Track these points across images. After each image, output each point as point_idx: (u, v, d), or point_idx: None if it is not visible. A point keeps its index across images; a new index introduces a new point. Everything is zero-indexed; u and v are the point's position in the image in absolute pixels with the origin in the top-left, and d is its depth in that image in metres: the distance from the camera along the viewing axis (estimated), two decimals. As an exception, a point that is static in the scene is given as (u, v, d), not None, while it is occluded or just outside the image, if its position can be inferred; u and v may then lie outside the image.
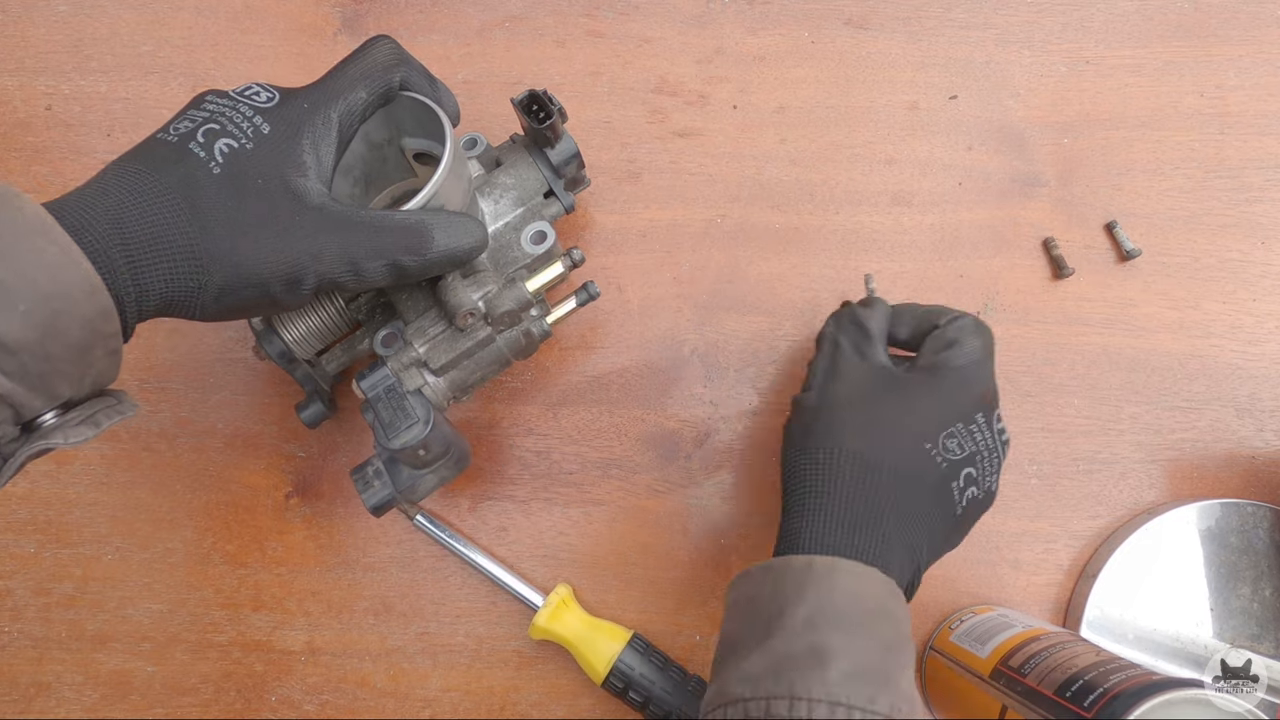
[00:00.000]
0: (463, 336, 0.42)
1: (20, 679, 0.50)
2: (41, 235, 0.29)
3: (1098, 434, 0.51)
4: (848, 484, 0.38)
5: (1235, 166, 0.53)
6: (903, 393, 0.41)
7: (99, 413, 0.32)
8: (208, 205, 0.33)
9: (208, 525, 0.51)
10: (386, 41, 0.39)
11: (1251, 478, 0.50)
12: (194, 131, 0.34)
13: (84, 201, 0.32)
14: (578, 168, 0.47)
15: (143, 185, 0.32)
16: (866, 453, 0.39)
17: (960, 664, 0.45)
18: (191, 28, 0.54)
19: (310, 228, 0.35)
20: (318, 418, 0.47)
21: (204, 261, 0.33)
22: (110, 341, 0.31)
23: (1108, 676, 0.37)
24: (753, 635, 0.35)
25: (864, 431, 0.39)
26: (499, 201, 0.45)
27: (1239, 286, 0.52)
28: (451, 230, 0.38)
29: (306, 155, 0.35)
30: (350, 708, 0.50)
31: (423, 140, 0.43)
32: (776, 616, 0.34)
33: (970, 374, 0.41)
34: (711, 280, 0.52)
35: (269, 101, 0.36)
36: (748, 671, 0.34)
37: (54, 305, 0.29)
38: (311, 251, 0.35)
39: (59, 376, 0.30)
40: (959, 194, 0.53)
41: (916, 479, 0.39)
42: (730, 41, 0.54)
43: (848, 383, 0.41)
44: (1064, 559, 0.50)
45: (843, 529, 0.37)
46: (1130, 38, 0.54)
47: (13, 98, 0.54)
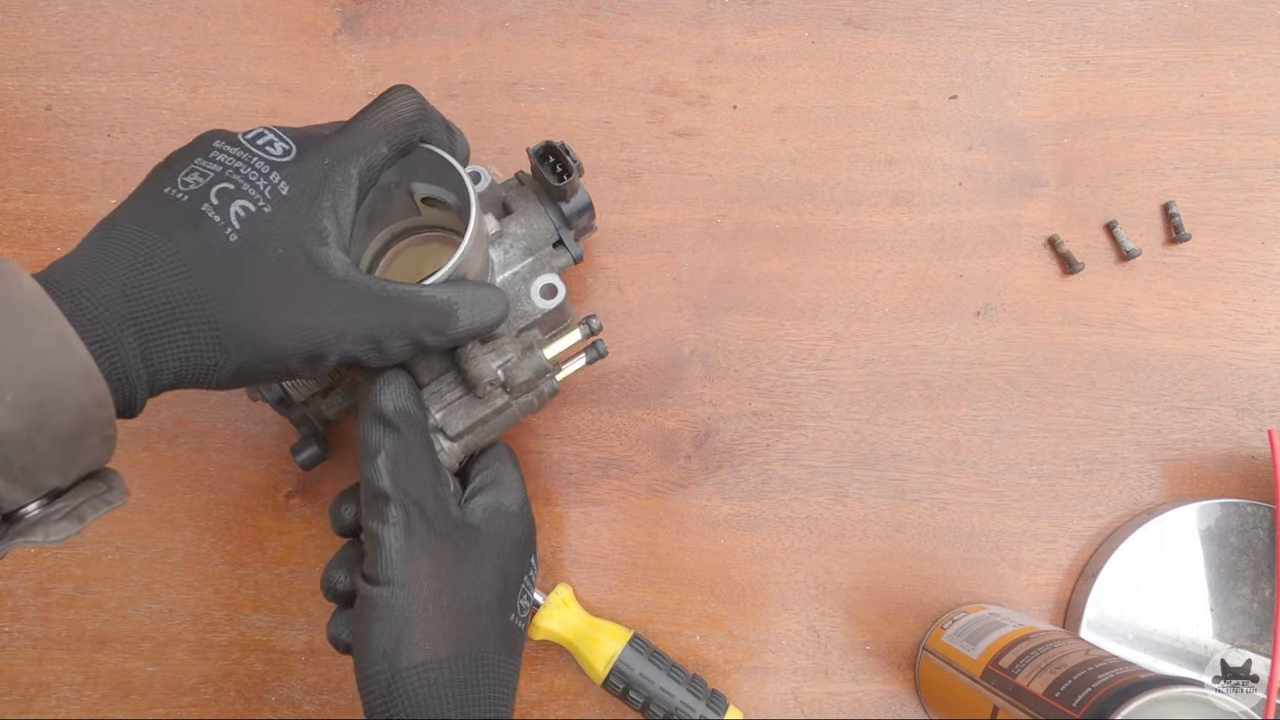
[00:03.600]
0: (480, 404, 0.41)
1: (20, 679, 0.50)
2: (34, 316, 0.27)
3: (1098, 434, 0.51)
4: (461, 699, 0.35)
5: (1235, 166, 0.53)
6: (485, 559, 0.38)
7: (84, 504, 0.30)
8: (227, 278, 0.31)
9: (208, 525, 0.51)
10: (409, 93, 0.37)
11: (1251, 478, 0.50)
12: (206, 190, 0.32)
13: (91, 272, 0.29)
14: (589, 218, 0.46)
15: (155, 254, 0.30)
16: (471, 652, 0.36)
17: (952, 664, 0.45)
18: (191, 28, 0.54)
19: (334, 304, 0.33)
20: (314, 461, 0.46)
21: (224, 339, 0.31)
22: (104, 428, 0.29)
23: (1096, 675, 0.37)
24: None
25: (464, 624, 0.36)
26: (508, 251, 0.43)
27: (1239, 286, 0.52)
28: (475, 307, 0.37)
29: (327, 220, 0.33)
30: (350, 708, 0.50)
31: (433, 186, 0.43)
32: None
33: (525, 516, 0.41)
34: (711, 280, 0.52)
35: (285, 155, 0.34)
36: None
37: (42, 394, 0.27)
38: (336, 330, 0.33)
39: (44, 468, 0.28)
40: (959, 194, 0.53)
41: (513, 656, 0.39)
42: (730, 41, 0.54)
43: (432, 570, 0.36)
44: (1064, 559, 0.50)
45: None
46: (1130, 38, 0.54)
47: (13, 98, 0.54)
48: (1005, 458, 0.51)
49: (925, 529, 0.51)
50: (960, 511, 0.51)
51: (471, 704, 0.36)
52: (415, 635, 0.35)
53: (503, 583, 0.39)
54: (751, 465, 0.51)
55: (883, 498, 0.51)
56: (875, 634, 0.50)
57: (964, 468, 0.51)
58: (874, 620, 0.50)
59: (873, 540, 0.51)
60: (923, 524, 0.51)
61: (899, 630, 0.50)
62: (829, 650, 0.50)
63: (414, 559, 0.36)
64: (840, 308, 0.52)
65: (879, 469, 0.51)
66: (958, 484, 0.51)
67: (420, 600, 0.36)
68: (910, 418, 0.51)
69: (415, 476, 0.37)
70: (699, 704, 0.46)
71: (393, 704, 0.35)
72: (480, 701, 0.36)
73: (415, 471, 0.37)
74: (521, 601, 0.40)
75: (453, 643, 0.36)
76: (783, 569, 0.51)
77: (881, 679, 0.50)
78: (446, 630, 0.36)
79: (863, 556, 0.51)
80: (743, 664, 0.50)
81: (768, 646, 0.50)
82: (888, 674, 0.50)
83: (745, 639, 0.50)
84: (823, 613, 0.50)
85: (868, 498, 0.51)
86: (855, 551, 0.51)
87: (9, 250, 0.52)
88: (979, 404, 0.51)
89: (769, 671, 0.50)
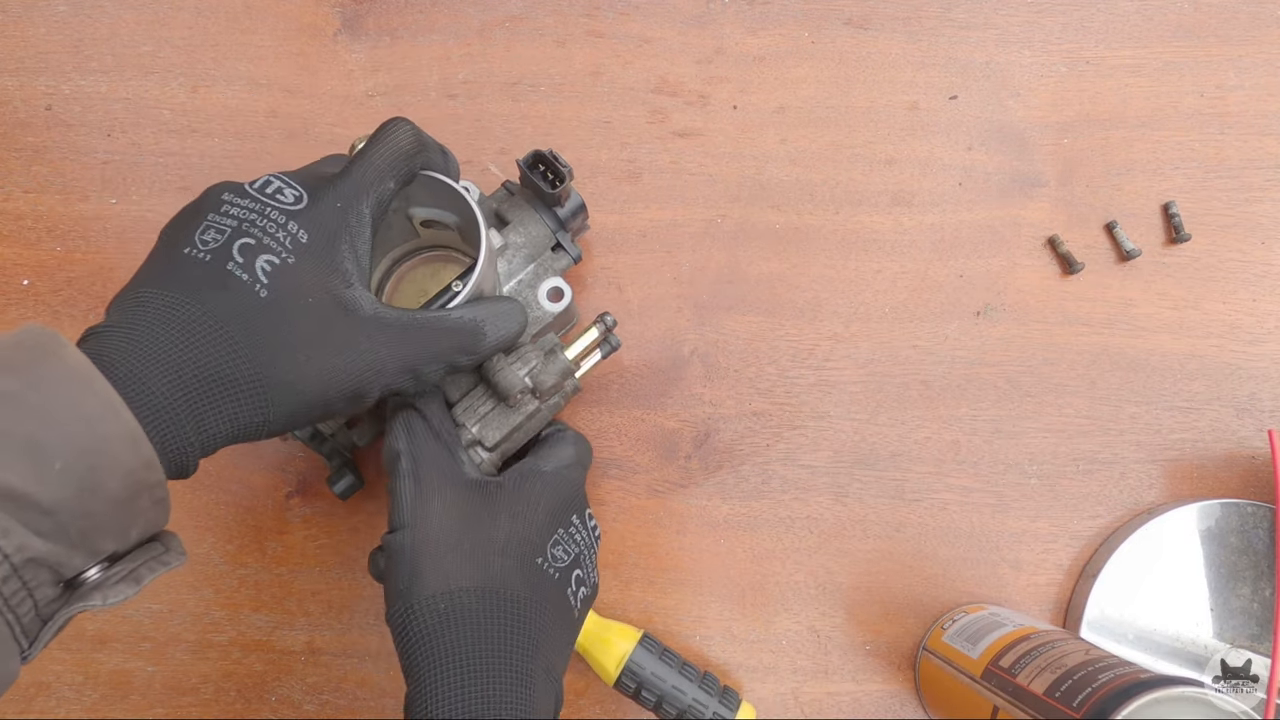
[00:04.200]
0: (513, 412, 0.42)
1: (20, 679, 0.50)
2: (82, 385, 0.28)
3: (1098, 434, 0.51)
4: (476, 630, 0.35)
5: (1235, 166, 0.53)
6: (504, 509, 0.39)
7: (141, 567, 0.30)
8: (263, 335, 0.32)
9: (208, 525, 0.51)
10: (406, 126, 0.38)
11: (1251, 478, 0.50)
12: (228, 248, 0.32)
13: (132, 344, 0.30)
14: (583, 219, 0.47)
15: (191, 320, 0.31)
16: (486, 586, 0.36)
17: (952, 664, 0.45)
18: (191, 28, 0.54)
19: (368, 342, 0.34)
20: (351, 490, 0.47)
21: (269, 393, 0.32)
22: (156, 491, 0.29)
23: (1096, 675, 0.37)
24: None
25: (478, 562, 0.37)
26: (511, 260, 0.44)
27: (1239, 286, 0.52)
28: (499, 322, 0.38)
29: (347, 262, 0.34)
30: (350, 708, 0.50)
31: (433, 210, 0.43)
32: None
33: (562, 478, 0.42)
34: (711, 280, 0.52)
35: (298, 203, 0.34)
36: None
37: (91, 460, 0.27)
38: (374, 367, 0.34)
39: (100, 532, 0.28)
40: (959, 194, 0.53)
41: (539, 600, 0.38)
42: (730, 41, 0.54)
43: (443, 512, 0.38)
44: (1064, 559, 0.50)
45: (484, 691, 0.34)
46: (1130, 38, 0.54)
47: (13, 98, 0.54)
48: (1005, 458, 0.51)
49: (925, 529, 0.51)
50: (960, 511, 0.51)
51: (487, 633, 0.36)
52: (425, 569, 0.36)
53: (526, 530, 0.39)
54: (751, 465, 0.51)
55: (883, 498, 0.51)
56: (875, 634, 0.50)
57: (964, 468, 0.51)
58: (874, 620, 0.50)
59: (873, 540, 0.51)
60: (923, 524, 0.51)
61: (899, 630, 0.50)
62: (829, 650, 0.50)
63: (424, 504, 0.37)
64: (840, 308, 0.52)
65: (879, 469, 0.51)
66: (958, 484, 0.51)
67: (430, 539, 0.37)
68: (910, 418, 0.51)
69: (427, 441, 0.39)
70: (712, 701, 0.46)
71: (409, 636, 0.36)
72: (497, 633, 0.36)
73: (427, 436, 0.39)
74: (554, 551, 0.39)
75: (466, 576, 0.36)
76: (783, 569, 0.50)
77: (881, 679, 0.50)
78: (460, 565, 0.37)
79: (863, 556, 0.51)
80: (743, 664, 0.50)
81: (768, 646, 0.50)
82: (888, 674, 0.50)
83: (745, 639, 0.50)
84: (823, 613, 0.50)
85: (868, 498, 0.51)
86: (855, 551, 0.51)
87: (9, 250, 0.52)
88: (979, 404, 0.51)
89: (769, 671, 0.50)
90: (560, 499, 0.41)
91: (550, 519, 0.40)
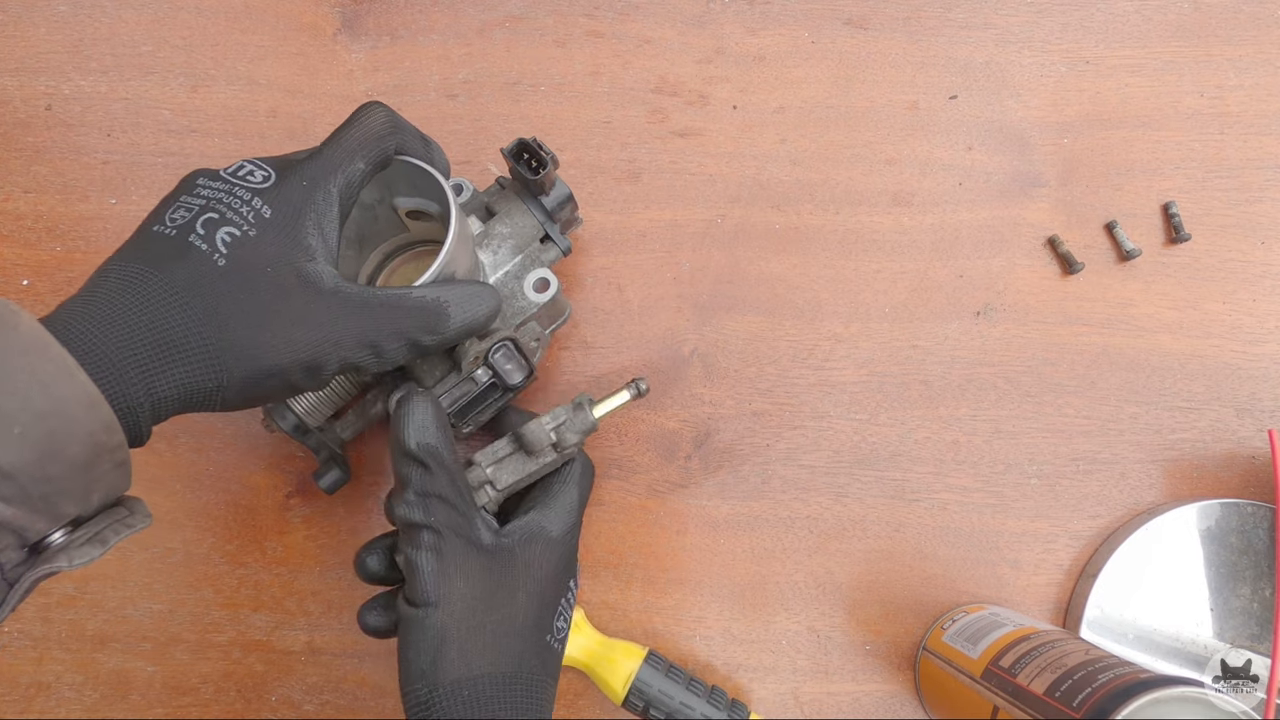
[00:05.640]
0: (530, 460, 0.43)
1: (20, 679, 0.50)
2: (36, 351, 0.28)
3: (1098, 434, 0.51)
4: (495, 715, 0.36)
5: (1235, 166, 0.53)
6: (520, 585, 0.39)
7: (106, 529, 0.31)
8: (218, 301, 0.32)
9: (208, 525, 0.51)
10: (379, 108, 0.38)
11: (1251, 478, 0.50)
12: (192, 222, 0.33)
13: (88, 312, 0.31)
14: (572, 210, 0.47)
15: (148, 287, 0.31)
16: (506, 672, 0.37)
17: (952, 664, 0.45)
18: (191, 28, 0.54)
19: (327, 314, 0.34)
20: (336, 484, 0.47)
21: (222, 360, 0.32)
22: (116, 454, 0.30)
23: (1096, 675, 0.37)
24: None
25: (499, 648, 0.37)
26: (497, 252, 0.45)
27: (1239, 286, 0.52)
28: (466, 303, 0.38)
29: (312, 238, 0.34)
30: (350, 708, 0.50)
31: (416, 199, 0.43)
32: None
33: (567, 545, 0.41)
34: (711, 280, 0.52)
35: (265, 181, 0.35)
36: None
37: (50, 424, 0.27)
38: (332, 338, 0.34)
39: (62, 496, 0.29)
40: (959, 194, 0.53)
41: (548, 676, 0.39)
42: (730, 41, 0.54)
43: (465, 590, 0.37)
44: (1064, 559, 0.50)
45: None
46: (1130, 38, 0.54)
47: (13, 98, 0.54)
48: (1005, 458, 0.51)
49: (925, 529, 0.51)
50: (960, 511, 0.51)
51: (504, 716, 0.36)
52: (451, 653, 0.36)
53: (539, 606, 0.39)
54: (751, 465, 0.51)
55: (883, 498, 0.51)
56: (875, 634, 0.50)
57: (964, 468, 0.51)
58: (874, 620, 0.50)
59: (873, 540, 0.51)
60: (923, 524, 0.51)
61: (899, 630, 0.50)
62: (829, 650, 0.50)
63: (448, 580, 0.37)
64: (840, 308, 0.52)
65: (879, 469, 0.51)
66: (958, 484, 0.51)
67: (455, 619, 0.37)
68: (910, 418, 0.51)
69: (445, 506, 0.37)
70: (720, 716, 0.46)
71: None
72: (513, 716, 0.37)
73: (445, 502, 0.37)
74: (558, 624, 0.40)
75: (488, 661, 0.37)
76: (783, 569, 0.50)
77: (881, 679, 0.50)
78: (482, 649, 0.37)
79: (863, 556, 0.51)
80: (743, 664, 0.50)
81: (767, 646, 0.50)
82: (888, 674, 0.50)
83: (745, 639, 0.50)
84: (823, 613, 0.50)
85: (868, 498, 0.51)
86: (855, 551, 0.51)
87: (9, 250, 0.52)
88: (979, 404, 0.51)
89: (769, 671, 0.50)
90: (564, 566, 0.41)
91: (556, 590, 0.40)
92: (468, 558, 0.38)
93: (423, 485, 0.37)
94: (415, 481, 0.37)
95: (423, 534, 0.37)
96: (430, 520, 0.37)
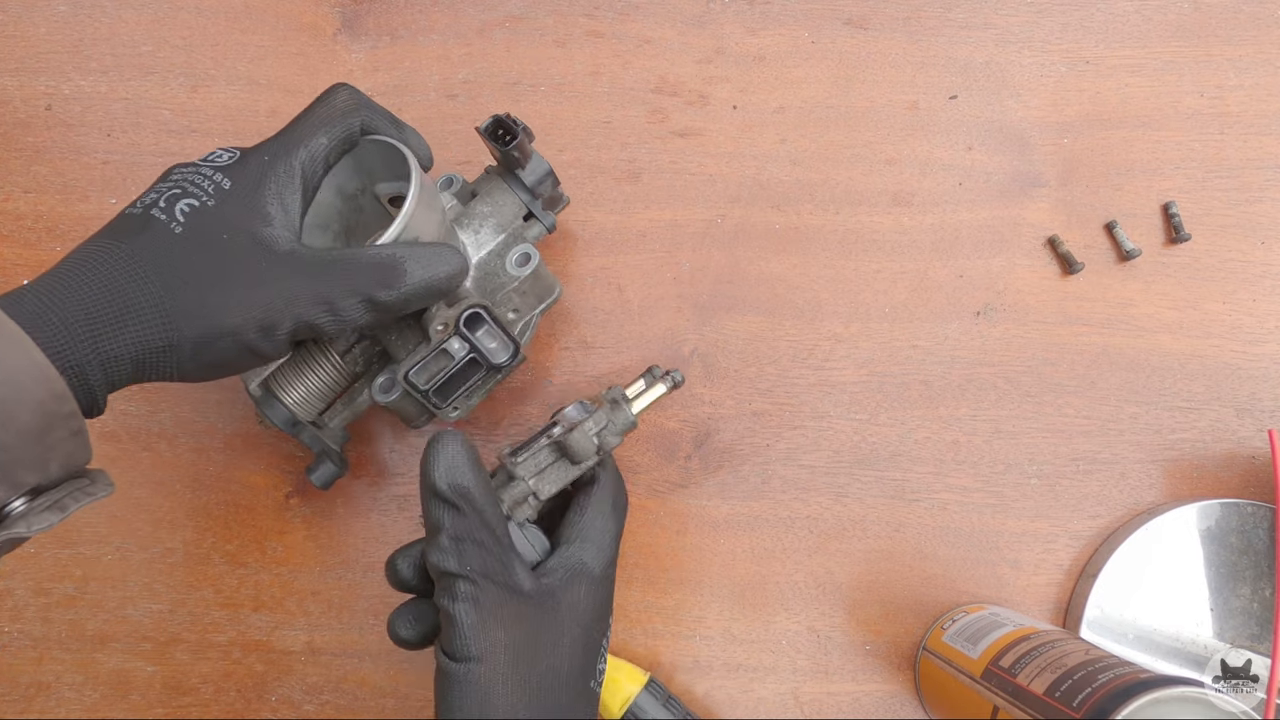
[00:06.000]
0: (574, 468, 0.42)
1: (20, 679, 0.50)
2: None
3: (1098, 434, 0.51)
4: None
5: (1235, 166, 0.53)
6: (565, 631, 0.38)
7: (66, 497, 0.31)
8: (172, 263, 0.33)
9: (208, 525, 0.51)
10: (344, 88, 0.39)
11: (1251, 478, 0.50)
12: (158, 200, 0.34)
13: (48, 285, 0.31)
14: (553, 185, 0.46)
15: (105, 256, 0.33)
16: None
17: (952, 664, 0.45)
18: (191, 28, 0.54)
19: (280, 273, 0.34)
20: (329, 478, 0.46)
21: (173, 318, 0.32)
22: (70, 422, 0.30)
23: (1096, 675, 0.37)
24: None
25: (545, 701, 0.36)
26: (479, 231, 0.45)
27: (1239, 286, 0.52)
28: (426, 260, 0.37)
29: (271, 206, 0.35)
30: (350, 708, 0.50)
31: (395, 184, 0.43)
32: None
33: (607, 579, 0.40)
34: (711, 280, 0.52)
35: (230, 160, 0.36)
36: None
37: (0, 392, 0.28)
38: (285, 296, 0.34)
39: (18, 465, 0.29)
40: (959, 194, 0.53)
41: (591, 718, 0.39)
42: (730, 41, 0.54)
43: (507, 642, 0.36)
44: (1064, 559, 0.50)
45: None
46: (1130, 38, 0.54)
47: (13, 98, 0.54)
48: (1005, 458, 0.51)
49: (925, 529, 0.51)
50: (960, 511, 0.51)
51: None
52: (497, 710, 0.35)
53: (583, 652, 0.38)
54: (751, 465, 0.51)
55: (883, 498, 0.51)
56: (875, 634, 0.50)
57: (964, 468, 0.51)
58: (874, 620, 0.50)
59: (873, 540, 0.51)
60: (923, 524, 0.51)
61: (899, 630, 0.50)
62: (829, 650, 0.50)
63: (489, 632, 0.35)
64: (840, 308, 0.52)
65: (879, 469, 0.51)
66: (958, 484, 0.51)
67: (499, 674, 0.35)
68: (910, 418, 0.51)
69: (480, 551, 0.36)
70: None
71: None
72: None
73: (480, 546, 0.36)
74: (599, 666, 0.39)
75: (534, 713, 0.36)
76: (783, 569, 0.50)
77: (881, 679, 0.50)
78: (528, 703, 0.36)
79: (863, 556, 0.51)
80: (743, 664, 0.50)
81: (767, 646, 0.50)
82: (888, 674, 0.50)
83: (745, 639, 0.50)
84: (823, 613, 0.50)
85: (868, 498, 0.51)
86: (855, 551, 0.51)
87: (9, 250, 0.52)
88: (979, 404, 0.51)
89: (769, 671, 0.50)
90: (605, 604, 0.40)
91: (599, 632, 0.40)
92: (507, 605, 0.36)
93: (456, 529, 0.36)
94: (448, 525, 0.36)
95: (458, 584, 0.35)
96: (466, 569, 0.35)
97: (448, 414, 0.43)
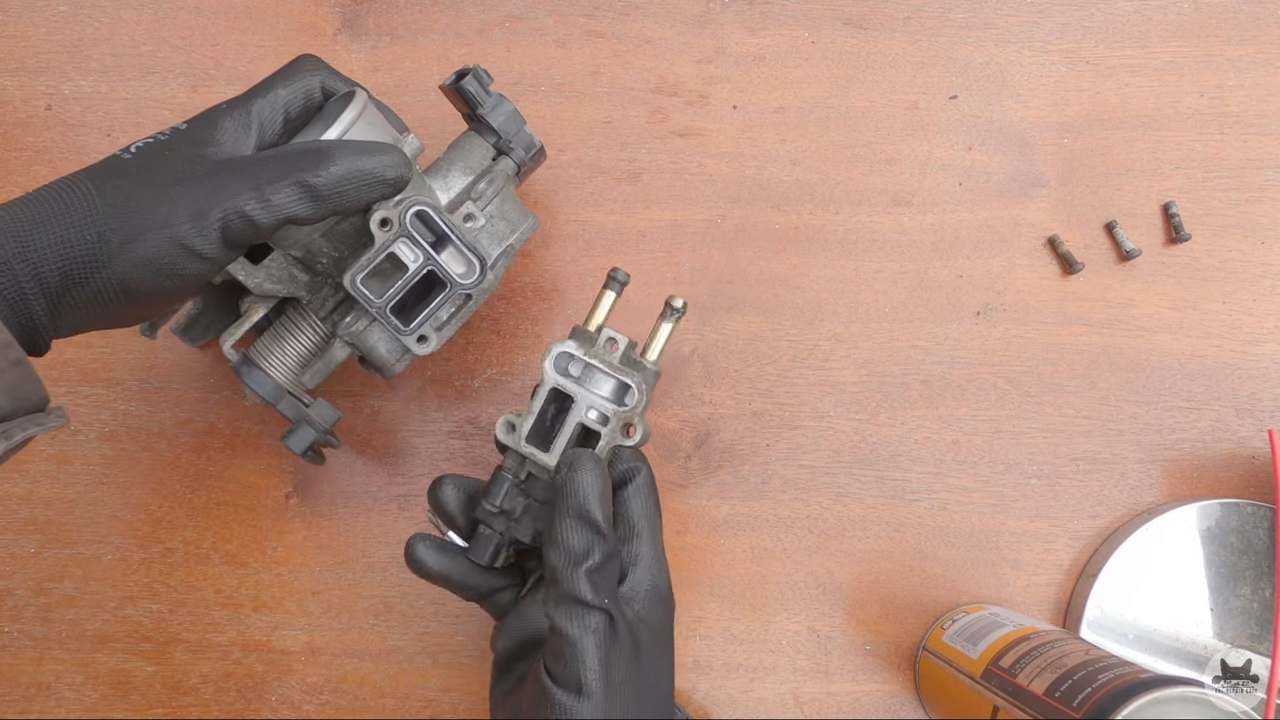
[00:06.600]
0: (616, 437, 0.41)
1: (20, 679, 0.50)
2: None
3: (1098, 434, 0.51)
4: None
5: (1235, 166, 0.53)
6: (658, 659, 0.38)
7: (13, 425, 0.31)
8: (110, 178, 0.34)
9: (208, 525, 0.51)
10: (308, 56, 0.41)
11: (1251, 478, 0.50)
12: (128, 148, 0.36)
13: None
14: (519, 124, 0.46)
15: (55, 189, 0.34)
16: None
17: (952, 664, 0.45)
18: (191, 28, 0.54)
19: (213, 170, 0.35)
20: (306, 443, 0.43)
21: (102, 215, 0.33)
22: (7, 352, 0.30)
23: (1096, 675, 0.37)
24: None
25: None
26: (447, 175, 0.45)
27: (1239, 286, 0.52)
28: (358, 149, 0.37)
29: (223, 138, 0.36)
30: (350, 708, 0.50)
31: None
32: None
33: (671, 597, 0.40)
34: (711, 280, 0.52)
35: (194, 116, 0.38)
36: None
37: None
38: (215, 183, 0.34)
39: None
40: (959, 194, 0.53)
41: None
42: (730, 41, 0.54)
43: (617, 673, 0.36)
44: (1064, 559, 0.50)
45: None
46: (1130, 38, 0.54)
47: (13, 98, 0.54)
48: (1005, 458, 0.51)
49: (925, 529, 0.51)
50: (960, 511, 0.51)
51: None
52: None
53: (669, 678, 0.39)
54: (751, 465, 0.51)
55: (883, 498, 0.51)
56: (875, 634, 0.50)
57: (964, 468, 0.51)
58: (874, 620, 0.50)
59: (873, 540, 0.51)
60: (923, 524, 0.51)
61: (899, 630, 0.50)
62: (829, 650, 0.50)
63: (609, 671, 0.35)
64: (840, 308, 0.52)
65: (879, 469, 0.51)
66: (958, 484, 0.51)
67: (609, 711, 0.35)
68: (910, 418, 0.51)
69: (612, 585, 0.37)
70: None
71: None
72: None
73: (614, 579, 0.37)
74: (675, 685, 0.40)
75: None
76: (783, 569, 0.50)
77: (881, 679, 0.50)
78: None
79: (863, 556, 0.51)
80: (743, 664, 0.50)
81: (767, 646, 0.50)
82: (888, 674, 0.50)
83: (745, 639, 0.50)
84: (823, 613, 0.50)
85: (868, 498, 0.51)
86: (855, 551, 0.51)
87: (9, 250, 0.52)
88: (979, 404, 0.51)
89: (769, 671, 0.50)
90: (672, 622, 0.40)
91: (674, 653, 0.40)
92: (620, 639, 0.36)
93: (602, 561, 0.36)
94: (596, 556, 0.36)
95: (593, 617, 0.35)
96: (604, 603, 0.35)
97: (415, 345, 0.41)
